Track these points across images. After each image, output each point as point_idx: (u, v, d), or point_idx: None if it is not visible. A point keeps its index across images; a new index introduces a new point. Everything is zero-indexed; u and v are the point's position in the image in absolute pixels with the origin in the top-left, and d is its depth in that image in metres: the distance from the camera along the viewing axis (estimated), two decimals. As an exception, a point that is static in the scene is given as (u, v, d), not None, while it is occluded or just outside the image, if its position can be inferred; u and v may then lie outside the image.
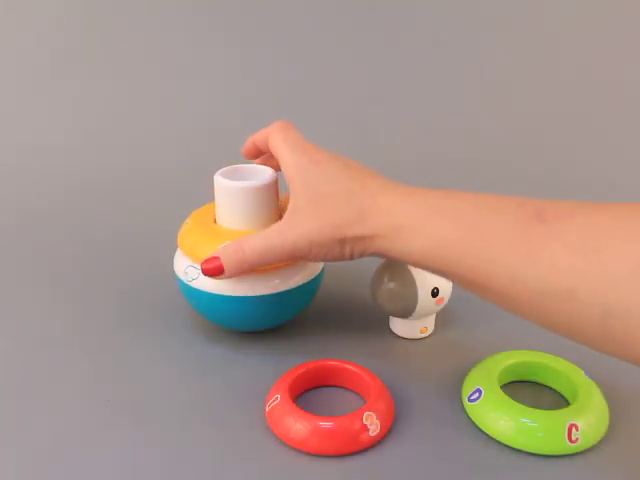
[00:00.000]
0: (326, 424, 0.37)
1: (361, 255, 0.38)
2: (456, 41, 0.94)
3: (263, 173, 0.46)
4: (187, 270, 0.45)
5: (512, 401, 0.38)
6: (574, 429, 0.36)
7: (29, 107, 0.91)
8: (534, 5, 0.94)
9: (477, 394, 0.40)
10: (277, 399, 0.39)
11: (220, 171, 0.46)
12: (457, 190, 0.36)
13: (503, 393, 0.39)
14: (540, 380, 0.43)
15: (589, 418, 0.37)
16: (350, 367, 0.42)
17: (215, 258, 0.40)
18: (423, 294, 0.45)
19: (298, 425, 0.37)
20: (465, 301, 0.53)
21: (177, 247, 0.48)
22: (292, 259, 0.40)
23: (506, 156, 0.85)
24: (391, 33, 0.94)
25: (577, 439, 0.36)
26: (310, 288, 0.46)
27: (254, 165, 0.48)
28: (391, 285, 0.45)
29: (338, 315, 0.51)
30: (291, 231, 0.38)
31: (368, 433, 0.37)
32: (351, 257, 0.39)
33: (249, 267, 0.40)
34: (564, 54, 0.93)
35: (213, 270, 0.40)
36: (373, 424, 0.37)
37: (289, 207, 0.39)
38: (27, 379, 0.44)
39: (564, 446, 0.36)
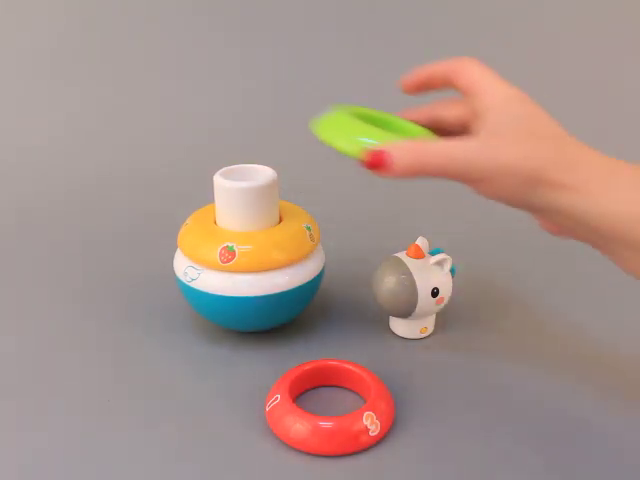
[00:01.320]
0: (326, 424, 0.37)
1: (542, 208, 0.34)
2: (456, 41, 0.94)
3: (263, 173, 0.46)
4: (187, 270, 0.45)
5: None
6: None
7: (29, 107, 0.91)
8: (534, 5, 0.94)
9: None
10: (277, 399, 0.39)
11: (220, 171, 0.46)
12: None
13: None
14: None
15: None
16: (350, 367, 0.42)
17: (382, 152, 0.34)
18: (423, 294, 0.45)
19: (298, 425, 0.37)
20: (465, 301, 0.53)
21: (177, 247, 0.48)
22: (467, 180, 0.34)
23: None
24: (391, 33, 0.94)
25: None
26: (310, 288, 0.46)
27: (254, 165, 0.48)
28: (391, 285, 0.45)
29: (338, 315, 0.51)
30: (492, 152, 0.33)
31: (368, 433, 0.37)
32: (529, 205, 0.34)
33: (423, 172, 0.34)
34: (564, 54, 0.93)
35: (377, 163, 0.35)
36: (373, 424, 0.37)
37: (485, 129, 0.35)
38: (27, 379, 0.44)
39: None
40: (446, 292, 0.46)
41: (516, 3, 0.94)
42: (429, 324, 0.48)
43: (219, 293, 0.43)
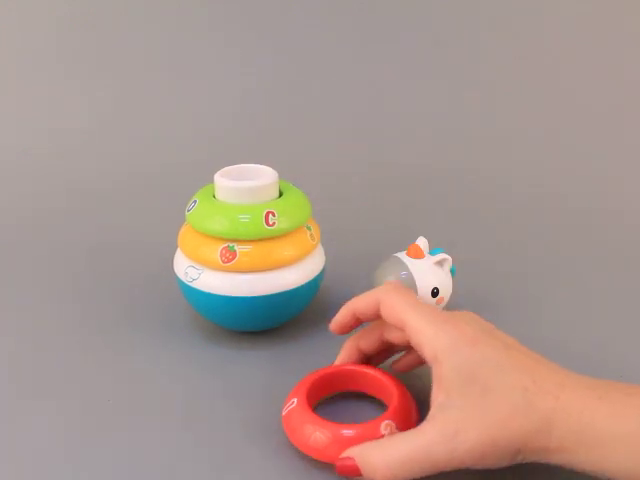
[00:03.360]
0: (348, 432, 0.34)
1: (533, 461, 0.31)
2: (457, 41, 0.94)
3: (263, 173, 0.46)
4: (187, 270, 0.45)
5: None
6: None
7: (29, 108, 0.91)
8: (535, 5, 0.94)
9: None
10: (294, 403, 0.37)
11: (220, 171, 0.46)
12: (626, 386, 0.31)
13: None
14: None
15: None
16: (371, 372, 0.39)
17: (350, 465, 0.32)
18: (423, 294, 0.45)
19: (318, 434, 0.35)
20: (465, 301, 0.53)
21: (177, 247, 0.48)
22: (453, 468, 0.31)
23: (507, 155, 0.85)
24: (391, 33, 0.94)
25: None
26: (310, 288, 0.46)
27: (254, 165, 0.48)
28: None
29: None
30: (461, 439, 0.30)
31: None
32: (519, 462, 0.31)
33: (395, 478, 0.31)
34: (565, 54, 0.93)
35: (349, 472, 0.33)
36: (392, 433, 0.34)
37: (438, 400, 0.32)
38: (27, 379, 0.44)
39: None
40: (446, 292, 0.46)
41: (516, 3, 0.94)
42: None
43: (220, 293, 0.43)
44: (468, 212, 0.70)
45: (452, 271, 0.47)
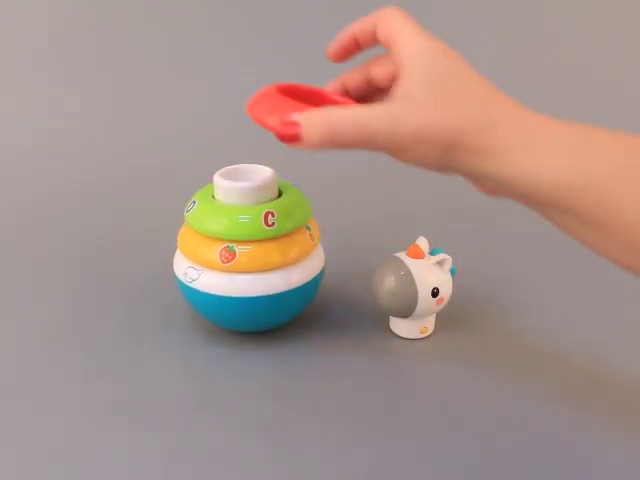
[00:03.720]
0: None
1: (461, 171, 0.33)
2: (457, 41, 0.94)
3: (263, 173, 0.46)
4: (187, 271, 0.45)
5: None
6: None
7: (29, 108, 0.91)
8: (535, 5, 0.94)
9: None
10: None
11: (220, 171, 0.46)
12: (604, 127, 0.32)
13: None
14: None
15: None
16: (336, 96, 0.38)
17: (293, 123, 0.33)
18: (423, 294, 0.45)
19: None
20: (465, 301, 0.53)
21: (177, 248, 0.48)
22: (387, 151, 0.33)
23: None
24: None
25: None
26: (310, 288, 0.46)
27: (254, 165, 0.48)
28: (391, 285, 0.45)
29: (338, 315, 0.51)
30: (400, 120, 0.31)
31: None
32: (454, 171, 0.33)
33: (335, 143, 0.33)
34: (565, 54, 0.93)
35: (290, 137, 0.33)
36: None
37: (398, 92, 0.32)
38: (27, 379, 0.44)
39: None
40: (446, 292, 0.46)
41: (516, 3, 0.94)
42: (429, 324, 0.48)
43: (219, 293, 0.43)
44: (468, 212, 0.70)
45: (452, 271, 0.47)
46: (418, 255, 0.46)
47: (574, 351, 0.47)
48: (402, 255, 0.46)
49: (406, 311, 0.46)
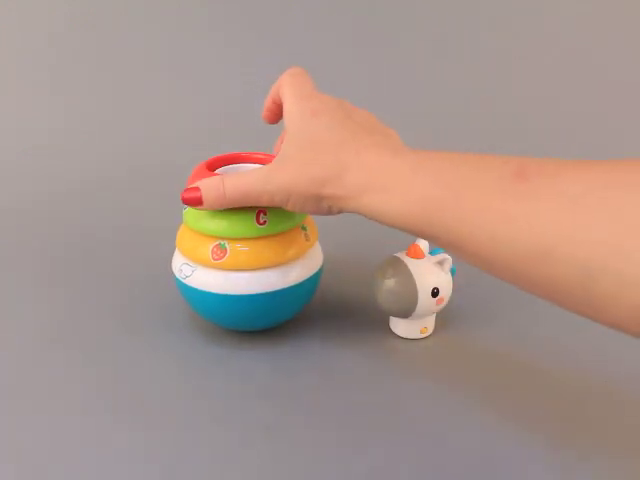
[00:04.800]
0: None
1: (339, 212, 0.38)
2: (457, 41, 0.94)
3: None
4: (182, 267, 0.45)
5: None
6: None
7: (28, 108, 0.91)
8: (535, 5, 0.94)
9: None
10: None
11: (219, 171, 0.46)
12: (446, 151, 0.35)
13: None
14: None
15: None
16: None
17: (196, 189, 0.40)
18: (423, 294, 0.45)
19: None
20: (465, 301, 0.53)
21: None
22: (271, 205, 0.39)
23: (508, 154, 0.85)
24: (391, 33, 0.94)
25: None
26: (305, 288, 0.46)
27: (254, 165, 0.48)
28: (391, 285, 0.45)
29: (338, 315, 0.51)
30: (272, 179, 0.38)
31: None
32: (329, 213, 0.38)
33: (228, 204, 0.40)
34: (565, 54, 0.93)
35: (191, 200, 0.41)
36: None
37: (279, 154, 0.39)
38: (27, 379, 0.44)
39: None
40: (446, 292, 0.46)
41: (517, 3, 0.94)
42: (429, 324, 0.48)
43: (210, 290, 0.44)
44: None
45: (452, 271, 0.47)
46: (418, 255, 0.46)
47: (575, 351, 0.47)
48: (402, 255, 0.46)
49: (406, 311, 0.46)
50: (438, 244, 0.34)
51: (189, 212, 0.45)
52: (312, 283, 0.47)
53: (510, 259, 0.29)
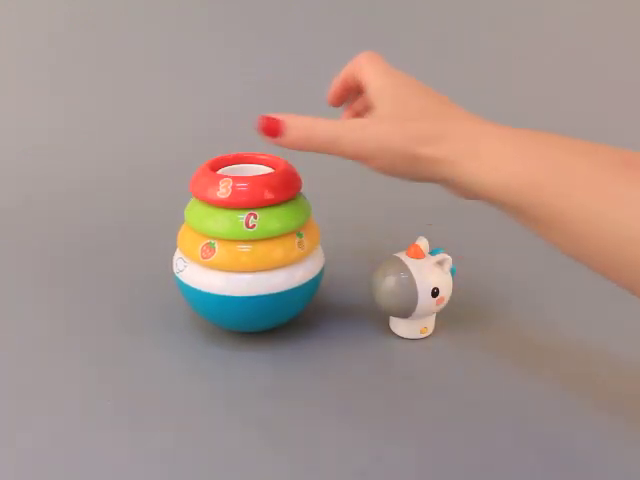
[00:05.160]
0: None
1: (429, 179, 0.37)
2: (457, 41, 0.94)
3: (262, 173, 0.46)
4: (177, 262, 0.46)
5: None
6: None
7: (28, 108, 0.91)
8: (535, 5, 0.94)
9: None
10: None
11: (220, 171, 0.46)
12: (548, 132, 0.35)
13: None
14: None
15: None
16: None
17: (277, 120, 0.38)
18: (423, 294, 0.45)
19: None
20: (465, 301, 0.53)
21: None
22: (358, 159, 0.38)
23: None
24: (391, 33, 0.94)
25: None
26: (295, 296, 0.45)
27: (254, 165, 0.48)
28: (391, 285, 0.45)
29: (338, 315, 0.51)
30: (364, 130, 0.36)
31: None
32: (418, 177, 0.37)
33: (310, 147, 0.38)
34: (565, 54, 0.93)
35: (270, 130, 0.38)
36: None
37: (372, 115, 0.38)
38: (27, 379, 0.44)
39: None
40: (446, 292, 0.46)
41: (517, 3, 0.94)
42: (429, 324, 0.48)
43: (197, 287, 0.44)
44: (469, 211, 0.70)
45: (452, 271, 0.47)
46: (418, 255, 0.46)
47: (575, 349, 0.47)
48: (402, 255, 0.46)
49: (406, 311, 0.46)
50: (529, 222, 0.34)
51: (187, 208, 0.46)
52: (315, 283, 0.47)
53: (609, 241, 0.30)
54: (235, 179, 0.43)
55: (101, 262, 0.60)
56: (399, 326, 0.48)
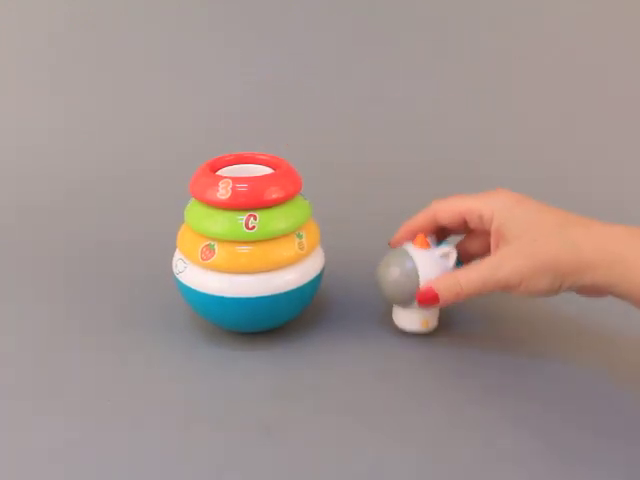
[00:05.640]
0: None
1: (571, 288, 0.39)
2: (457, 41, 0.94)
3: (262, 173, 0.46)
4: (177, 262, 0.46)
5: None
6: None
7: (28, 108, 0.91)
8: (535, 5, 0.94)
9: None
10: None
11: (220, 171, 0.46)
12: None
13: None
14: None
15: None
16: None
17: (430, 289, 0.42)
18: (425, 281, 0.44)
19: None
20: (466, 301, 0.53)
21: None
22: (506, 290, 0.41)
23: (506, 156, 0.85)
24: (391, 33, 0.94)
25: None
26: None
27: (254, 165, 0.48)
28: (396, 274, 0.45)
29: (338, 315, 0.51)
30: (503, 267, 0.39)
31: None
32: (560, 290, 0.39)
33: (464, 298, 0.42)
34: (565, 54, 0.93)
35: (429, 300, 0.43)
36: None
37: (501, 242, 0.41)
38: (27, 379, 0.44)
39: None
40: None
41: (517, 3, 0.94)
42: (431, 318, 0.47)
43: (197, 289, 0.44)
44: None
45: (458, 265, 0.47)
46: (423, 245, 0.45)
47: (575, 345, 0.47)
48: (408, 246, 0.46)
49: (408, 299, 0.45)
50: None
51: (187, 209, 0.46)
52: (315, 284, 0.47)
53: None
54: (235, 180, 0.43)
55: (101, 262, 0.60)
56: (400, 317, 0.48)
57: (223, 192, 0.42)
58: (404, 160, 0.83)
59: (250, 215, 0.42)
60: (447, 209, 0.45)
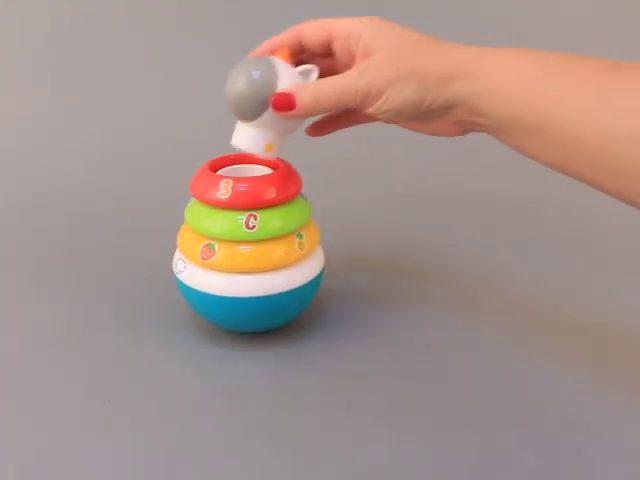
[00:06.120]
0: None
1: (435, 104, 0.37)
2: (457, 41, 0.94)
3: (262, 173, 0.46)
4: (177, 262, 0.46)
5: None
6: None
7: (28, 108, 0.91)
8: (535, 5, 0.94)
9: None
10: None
11: (220, 171, 0.46)
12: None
13: None
14: None
15: None
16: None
17: (288, 93, 0.39)
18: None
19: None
20: (463, 301, 0.53)
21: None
22: (367, 105, 0.38)
23: (506, 156, 0.85)
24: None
25: None
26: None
27: (253, 165, 0.48)
28: (256, 75, 0.40)
29: (338, 315, 0.51)
30: (367, 73, 0.37)
31: None
32: (429, 111, 0.37)
33: (322, 108, 0.39)
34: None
35: (284, 104, 0.39)
36: None
37: (365, 61, 0.38)
38: (27, 379, 0.44)
39: None
40: None
41: (517, 3, 0.94)
42: (275, 142, 0.42)
43: (197, 288, 0.44)
44: (467, 211, 0.70)
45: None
46: (285, 57, 0.41)
47: (574, 350, 0.47)
48: (268, 57, 0.41)
49: (256, 109, 0.41)
50: (524, 130, 0.34)
51: (187, 209, 0.46)
52: (315, 284, 0.47)
53: (597, 141, 0.31)
54: (235, 180, 0.43)
55: (101, 262, 0.60)
56: (242, 135, 0.43)
57: (223, 192, 0.42)
58: (404, 160, 0.83)
59: (250, 215, 0.42)
60: (315, 27, 0.43)
